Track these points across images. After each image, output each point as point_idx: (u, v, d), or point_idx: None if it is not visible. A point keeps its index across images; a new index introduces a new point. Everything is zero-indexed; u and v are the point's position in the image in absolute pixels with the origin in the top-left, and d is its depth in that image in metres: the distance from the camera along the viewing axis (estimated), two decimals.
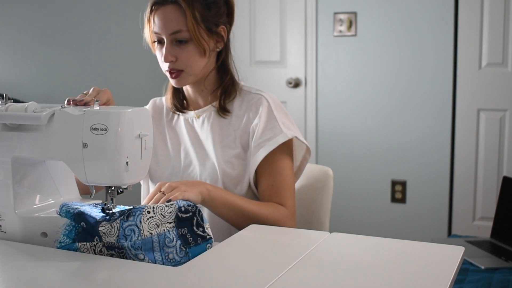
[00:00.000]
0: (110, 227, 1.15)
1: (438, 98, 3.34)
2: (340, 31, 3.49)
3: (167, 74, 1.53)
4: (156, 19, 1.49)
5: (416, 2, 3.32)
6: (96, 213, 1.20)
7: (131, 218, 1.16)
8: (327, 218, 1.71)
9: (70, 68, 3.87)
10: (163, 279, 1.03)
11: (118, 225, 1.15)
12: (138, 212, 1.17)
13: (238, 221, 1.44)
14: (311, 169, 1.74)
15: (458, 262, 1.09)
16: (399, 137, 3.45)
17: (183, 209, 1.21)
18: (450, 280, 1.00)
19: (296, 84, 3.62)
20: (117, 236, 1.14)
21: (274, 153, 1.51)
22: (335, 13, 3.48)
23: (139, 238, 1.14)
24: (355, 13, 3.45)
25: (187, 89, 1.62)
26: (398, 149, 3.46)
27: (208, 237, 1.23)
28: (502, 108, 3.25)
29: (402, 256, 1.14)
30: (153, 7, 1.50)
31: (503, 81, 3.22)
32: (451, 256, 1.12)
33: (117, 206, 1.26)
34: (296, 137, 1.54)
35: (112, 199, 1.24)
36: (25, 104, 1.23)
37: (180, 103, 1.63)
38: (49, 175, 1.33)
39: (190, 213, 1.22)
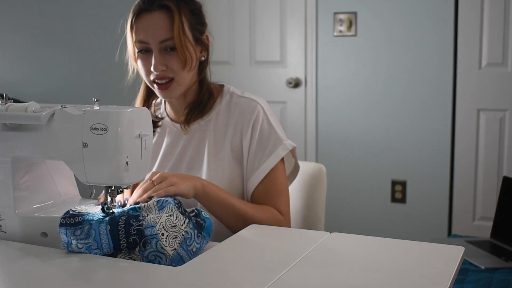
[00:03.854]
0: (130, 259, 1.14)
1: (438, 98, 3.34)
2: (340, 31, 3.49)
3: (154, 85, 1.45)
4: (142, 27, 1.40)
5: (416, 2, 3.32)
6: (96, 213, 1.20)
7: (148, 246, 1.13)
8: (322, 213, 1.76)
9: (70, 68, 3.87)
10: (163, 279, 1.03)
11: (138, 257, 1.14)
12: (154, 239, 1.13)
13: (230, 221, 1.42)
14: (305, 167, 1.78)
15: (458, 262, 1.09)
16: (399, 137, 3.45)
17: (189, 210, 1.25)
18: (450, 280, 1.00)
19: (296, 84, 3.62)
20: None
21: None
22: (335, 13, 3.48)
23: (167, 260, 1.13)
24: (355, 13, 3.44)
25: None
26: (398, 149, 3.46)
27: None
28: (502, 108, 3.25)
29: (402, 256, 1.14)
30: (138, 14, 1.41)
31: (503, 81, 3.22)
32: (451, 256, 1.12)
33: (117, 206, 1.26)
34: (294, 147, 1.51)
35: (112, 199, 1.24)
36: (25, 104, 1.23)
37: (155, 122, 1.55)
38: (49, 175, 1.33)
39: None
